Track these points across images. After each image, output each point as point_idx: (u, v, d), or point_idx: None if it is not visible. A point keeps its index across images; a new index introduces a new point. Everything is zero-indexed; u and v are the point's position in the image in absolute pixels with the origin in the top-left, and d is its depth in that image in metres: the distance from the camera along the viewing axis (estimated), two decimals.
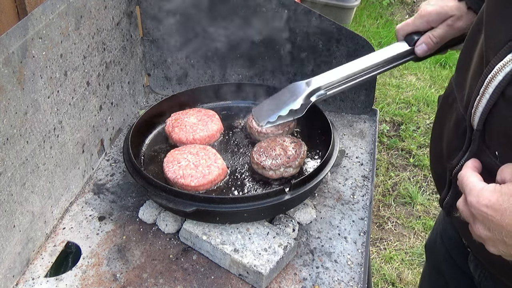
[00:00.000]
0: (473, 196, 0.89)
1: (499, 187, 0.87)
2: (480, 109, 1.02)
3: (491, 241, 0.89)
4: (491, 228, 0.87)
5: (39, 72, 1.29)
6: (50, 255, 1.38)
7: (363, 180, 1.64)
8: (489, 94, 0.98)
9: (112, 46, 1.69)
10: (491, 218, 0.85)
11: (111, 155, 1.74)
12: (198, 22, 1.86)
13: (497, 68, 0.96)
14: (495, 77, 0.97)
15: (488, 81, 0.98)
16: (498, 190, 0.86)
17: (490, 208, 0.85)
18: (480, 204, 0.87)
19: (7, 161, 1.19)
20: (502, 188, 0.86)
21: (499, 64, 0.96)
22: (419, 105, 4.15)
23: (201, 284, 1.30)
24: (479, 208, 0.87)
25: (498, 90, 0.96)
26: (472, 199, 0.89)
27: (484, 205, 0.86)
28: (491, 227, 0.87)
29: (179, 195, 1.34)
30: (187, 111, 1.70)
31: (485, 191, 0.87)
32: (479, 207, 0.87)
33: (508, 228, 0.83)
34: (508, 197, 0.84)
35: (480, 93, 1.01)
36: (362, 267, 1.35)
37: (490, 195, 0.86)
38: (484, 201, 0.86)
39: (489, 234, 0.88)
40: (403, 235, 3.08)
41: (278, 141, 1.55)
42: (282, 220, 1.44)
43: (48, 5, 1.30)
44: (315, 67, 1.85)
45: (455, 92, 1.19)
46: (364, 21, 5.22)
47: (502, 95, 0.97)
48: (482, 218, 0.88)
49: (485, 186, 0.89)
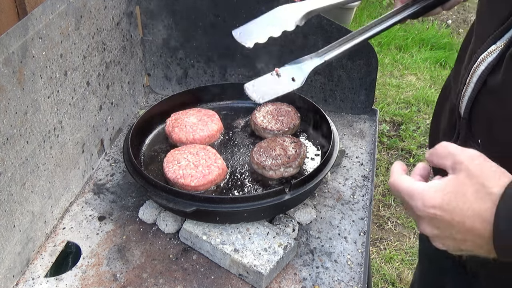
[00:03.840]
0: (417, 200, 0.86)
1: (441, 184, 0.85)
2: (466, 98, 1.05)
3: (440, 238, 0.88)
4: (439, 227, 0.85)
5: (39, 72, 1.29)
6: (50, 255, 1.38)
7: (363, 180, 1.64)
8: (473, 83, 1.02)
9: (112, 46, 1.69)
10: (440, 218, 0.84)
11: (111, 155, 1.74)
12: (198, 22, 1.86)
13: (481, 58, 1.00)
14: (478, 66, 1.01)
15: (473, 71, 1.03)
16: (442, 189, 0.84)
17: (438, 209, 0.83)
18: (427, 207, 0.84)
19: (7, 161, 1.19)
20: (446, 186, 0.84)
21: (483, 54, 1.00)
22: (419, 105, 4.15)
23: (201, 284, 1.30)
24: (426, 210, 0.85)
25: (481, 79, 1.00)
26: (417, 203, 0.86)
27: (431, 206, 0.84)
28: (440, 226, 0.85)
29: (179, 195, 1.34)
30: (187, 111, 1.70)
31: (428, 192, 0.85)
32: (425, 209, 0.85)
33: (459, 225, 0.83)
34: (454, 195, 0.82)
35: (466, 82, 1.05)
36: (362, 267, 1.35)
37: (435, 195, 0.84)
38: (430, 202, 0.84)
39: (438, 232, 0.87)
40: (403, 235, 3.08)
41: (278, 141, 1.55)
42: (282, 220, 1.44)
43: (48, 5, 1.30)
44: None
45: (452, 83, 1.23)
46: (364, 21, 5.22)
47: (484, 84, 1.00)
48: (429, 219, 0.86)
49: (425, 188, 0.86)
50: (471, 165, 0.83)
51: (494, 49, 0.99)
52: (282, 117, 1.66)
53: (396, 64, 4.70)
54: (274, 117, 1.66)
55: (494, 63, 0.98)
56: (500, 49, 0.97)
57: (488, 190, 0.81)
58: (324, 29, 1.76)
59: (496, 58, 0.98)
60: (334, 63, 1.82)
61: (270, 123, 1.64)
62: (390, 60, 4.73)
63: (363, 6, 5.39)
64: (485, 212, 0.80)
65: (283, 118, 1.66)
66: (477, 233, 0.82)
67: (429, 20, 5.46)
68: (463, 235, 0.84)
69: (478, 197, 0.81)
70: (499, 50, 0.97)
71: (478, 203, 0.81)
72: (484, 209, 0.80)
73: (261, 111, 1.69)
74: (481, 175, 0.82)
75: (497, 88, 0.97)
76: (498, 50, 0.98)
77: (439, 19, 5.50)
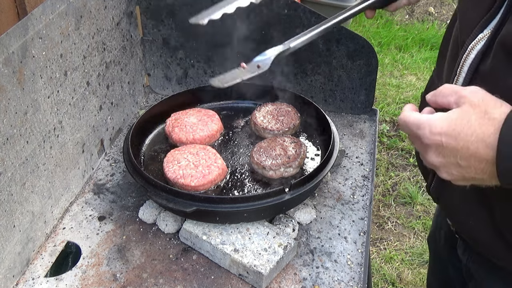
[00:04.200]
0: (424, 128, 0.90)
1: (445, 114, 0.89)
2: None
3: (445, 166, 0.91)
4: (445, 154, 0.89)
5: (39, 72, 1.29)
6: (50, 255, 1.38)
7: (363, 180, 1.64)
8: (464, 72, 1.05)
9: (112, 46, 1.69)
10: (445, 144, 0.88)
11: (111, 155, 1.74)
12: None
13: (471, 46, 1.04)
14: (469, 55, 1.04)
15: (463, 60, 1.05)
16: (446, 117, 0.88)
17: (443, 135, 0.88)
18: (433, 133, 0.89)
19: (7, 161, 1.19)
20: (449, 115, 0.88)
21: (472, 43, 1.04)
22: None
23: (201, 284, 1.30)
24: (432, 137, 0.89)
25: (472, 67, 1.03)
26: (424, 131, 0.90)
27: (438, 133, 0.88)
28: (445, 153, 0.89)
29: (179, 195, 1.34)
30: (187, 111, 1.70)
31: (434, 121, 0.89)
32: (432, 136, 0.89)
33: (464, 150, 0.86)
34: (459, 121, 0.87)
35: (458, 72, 1.08)
36: (362, 267, 1.35)
37: (441, 123, 0.88)
38: (436, 129, 0.88)
39: (443, 160, 0.90)
40: (403, 235, 3.08)
41: (278, 141, 1.55)
42: (282, 220, 1.44)
43: (48, 5, 1.30)
44: (315, 66, 1.85)
45: (436, 82, 1.26)
46: (364, 21, 5.22)
47: (476, 71, 1.03)
48: (436, 146, 0.90)
49: (431, 117, 0.91)
50: (474, 97, 0.88)
51: (482, 37, 1.02)
52: (282, 117, 1.66)
53: (396, 64, 4.70)
54: (274, 117, 1.66)
55: (483, 49, 1.01)
56: (487, 36, 1.01)
57: (490, 116, 0.85)
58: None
59: (485, 45, 1.01)
60: (334, 63, 1.82)
61: (270, 123, 1.64)
62: (390, 60, 4.73)
63: None
64: (488, 137, 0.84)
65: (283, 118, 1.66)
66: (481, 158, 0.86)
67: (429, 20, 5.46)
68: (467, 161, 0.87)
69: (481, 123, 0.85)
70: (487, 38, 1.01)
71: (481, 129, 0.85)
72: (488, 134, 0.84)
73: (261, 111, 1.69)
74: (483, 104, 0.86)
75: (488, 74, 1.01)
76: (486, 38, 1.01)
77: (439, 19, 5.50)
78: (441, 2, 5.68)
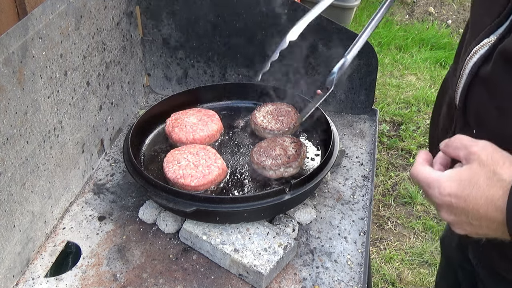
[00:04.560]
0: (434, 188, 0.91)
1: (455, 173, 0.89)
2: (460, 88, 1.09)
3: (457, 223, 0.92)
4: (456, 213, 0.90)
5: (39, 72, 1.29)
6: (50, 255, 1.38)
7: (363, 180, 1.64)
8: (466, 74, 1.06)
9: (112, 46, 1.69)
10: (455, 205, 0.88)
11: (111, 155, 1.74)
12: (198, 22, 1.86)
13: (474, 50, 1.04)
14: (471, 58, 1.05)
15: (466, 62, 1.06)
16: (456, 177, 0.89)
17: (453, 197, 0.88)
18: (443, 194, 0.89)
19: (7, 161, 1.19)
20: (460, 175, 0.89)
21: (476, 47, 1.04)
22: (419, 105, 4.15)
23: (201, 284, 1.30)
24: (442, 198, 0.90)
25: (473, 70, 1.04)
26: (433, 192, 0.91)
27: (447, 194, 0.89)
28: (456, 213, 0.89)
29: (179, 195, 1.34)
30: (187, 111, 1.70)
31: (444, 181, 0.90)
32: (441, 197, 0.90)
33: (474, 211, 0.87)
34: (468, 182, 0.87)
35: (461, 73, 1.08)
36: (362, 267, 1.35)
37: (450, 184, 0.89)
38: (445, 190, 0.89)
39: (455, 218, 0.91)
40: (403, 235, 3.08)
41: (278, 141, 1.55)
42: (282, 220, 1.44)
43: (48, 5, 1.30)
44: (315, 66, 1.85)
45: (451, 77, 1.26)
46: (364, 21, 5.22)
47: (476, 75, 1.04)
48: (446, 206, 0.90)
49: (441, 176, 0.91)
50: (483, 154, 0.87)
51: (486, 42, 1.03)
52: (282, 117, 1.66)
53: (396, 64, 4.70)
54: (274, 117, 1.66)
55: (486, 55, 1.02)
56: (492, 42, 1.01)
57: (499, 177, 0.84)
58: (324, 29, 1.76)
59: (488, 50, 1.02)
60: (334, 63, 1.82)
61: (270, 123, 1.64)
62: (390, 60, 4.73)
63: (363, 6, 5.39)
64: (497, 200, 0.84)
65: (283, 118, 1.66)
66: (491, 219, 0.86)
67: (429, 20, 5.46)
68: (479, 221, 0.88)
69: (490, 185, 0.85)
70: (491, 43, 1.01)
71: (490, 191, 0.85)
72: (497, 197, 0.84)
73: (261, 111, 1.69)
74: (492, 163, 0.86)
75: (487, 79, 1.01)
76: (490, 43, 1.02)
77: (439, 19, 5.50)
78: (441, 2, 5.67)
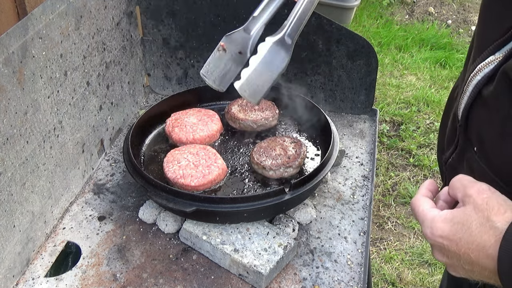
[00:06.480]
0: (427, 228, 0.89)
1: (449, 215, 0.87)
2: (462, 106, 1.05)
3: (451, 266, 0.90)
4: (448, 256, 0.88)
5: (39, 72, 1.29)
6: (50, 255, 1.38)
7: (363, 180, 1.64)
8: (469, 91, 1.02)
9: (112, 46, 1.69)
10: (447, 248, 0.86)
11: (111, 155, 1.74)
12: (198, 22, 1.86)
13: (479, 67, 0.99)
14: (475, 76, 1.00)
15: (469, 79, 1.02)
16: (449, 219, 0.87)
17: (445, 239, 0.86)
18: (435, 236, 0.87)
19: (7, 161, 1.19)
20: (453, 217, 0.87)
21: (481, 64, 0.99)
22: (419, 105, 4.15)
23: (201, 284, 1.30)
24: (434, 238, 0.88)
25: (476, 88, 1.00)
26: (426, 231, 0.89)
27: (439, 236, 0.87)
28: (448, 255, 0.88)
29: (179, 195, 1.34)
30: (187, 111, 1.70)
31: (437, 222, 0.88)
32: (433, 237, 0.88)
33: (465, 256, 0.84)
34: (460, 226, 0.85)
35: (464, 90, 1.04)
36: (362, 267, 1.35)
37: (443, 226, 0.87)
38: (438, 232, 0.87)
39: (448, 260, 0.89)
40: (403, 235, 3.08)
41: (278, 141, 1.55)
42: (282, 220, 1.44)
43: (48, 5, 1.30)
44: (315, 66, 1.85)
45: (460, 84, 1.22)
46: (364, 21, 5.22)
47: (479, 94, 1.00)
48: (438, 247, 0.89)
49: (436, 216, 0.89)
50: (479, 198, 0.85)
51: (492, 60, 0.97)
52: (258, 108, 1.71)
53: (396, 64, 4.70)
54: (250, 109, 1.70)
55: (490, 74, 0.97)
56: (498, 60, 0.96)
57: (492, 224, 0.82)
58: (324, 29, 1.76)
59: (492, 69, 0.97)
60: (334, 63, 1.82)
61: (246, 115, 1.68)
62: (390, 60, 4.73)
63: (363, 6, 5.39)
64: (489, 248, 0.81)
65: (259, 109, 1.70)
66: (483, 266, 0.83)
67: (429, 20, 5.46)
68: (471, 266, 0.85)
69: (482, 231, 0.82)
70: (497, 62, 0.96)
71: (482, 237, 0.82)
72: (488, 245, 0.81)
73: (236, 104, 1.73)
74: (487, 208, 0.83)
75: (489, 100, 0.97)
76: (496, 62, 0.97)
77: (439, 19, 5.50)
78: (441, 2, 5.68)
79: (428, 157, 3.62)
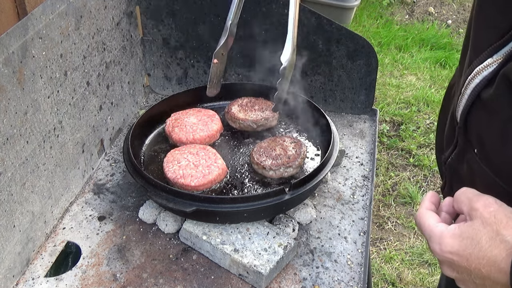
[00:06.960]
0: (435, 244, 0.88)
1: (458, 230, 0.86)
2: (461, 108, 1.04)
3: (461, 281, 0.89)
4: (459, 271, 0.87)
5: (39, 72, 1.29)
6: (50, 255, 1.38)
7: (363, 180, 1.64)
8: (467, 94, 1.01)
9: (112, 46, 1.69)
10: (457, 263, 0.85)
11: (111, 155, 1.74)
12: (198, 22, 1.86)
13: (477, 70, 0.98)
14: (473, 79, 0.99)
15: (467, 82, 1.00)
16: (458, 235, 0.86)
17: (454, 255, 0.85)
18: (444, 252, 0.87)
19: (7, 161, 1.19)
20: (461, 232, 0.86)
21: (479, 67, 0.98)
22: (419, 105, 4.15)
23: (201, 284, 1.30)
24: (443, 255, 0.87)
25: (475, 91, 0.99)
26: (435, 247, 0.88)
27: (448, 252, 0.86)
28: (459, 270, 0.87)
29: (179, 195, 1.34)
30: (187, 111, 1.70)
31: (446, 238, 0.87)
32: (443, 254, 0.87)
33: (476, 271, 0.84)
34: (470, 241, 0.84)
35: (462, 92, 1.03)
36: (362, 267, 1.35)
37: (452, 242, 0.86)
38: (447, 248, 0.86)
39: (458, 275, 0.88)
40: (403, 235, 3.08)
41: (278, 141, 1.55)
42: (282, 220, 1.44)
43: (48, 5, 1.30)
44: (315, 67, 1.85)
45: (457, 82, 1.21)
46: (364, 21, 5.22)
47: (478, 97, 0.99)
48: (448, 263, 0.88)
49: (444, 231, 0.88)
50: (486, 212, 0.84)
51: (490, 62, 0.96)
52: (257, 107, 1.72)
53: (396, 64, 4.70)
54: (250, 108, 1.71)
55: (489, 77, 0.96)
56: (497, 63, 0.95)
57: (502, 238, 0.81)
58: (324, 29, 1.76)
59: (491, 72, 0.95)
60: (334, 63, 1.82)
61: (246, 115, 1.68)
62: (390, 60, 4.73)
63: (363, 6, 5.39)
64: (500, 262, 0.81)
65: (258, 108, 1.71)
66: (494, 281, 0.83)
67: (429, 20, 5.46)
68: (482, 281, 0.85)
69: (492, 245, 0.82)
70: (496, 65, 0.95)
71: (493, 252, 0.81)
72: (500, 259, 0.81)
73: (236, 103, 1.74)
74: (495, 222, 0.82)
75: (489, 102, 0.96)
76: (495, 65, 0.95)
77: (439, 19, 5.50)
78: (441, 2, 5.68)
79: (428, 157, 3.62)
